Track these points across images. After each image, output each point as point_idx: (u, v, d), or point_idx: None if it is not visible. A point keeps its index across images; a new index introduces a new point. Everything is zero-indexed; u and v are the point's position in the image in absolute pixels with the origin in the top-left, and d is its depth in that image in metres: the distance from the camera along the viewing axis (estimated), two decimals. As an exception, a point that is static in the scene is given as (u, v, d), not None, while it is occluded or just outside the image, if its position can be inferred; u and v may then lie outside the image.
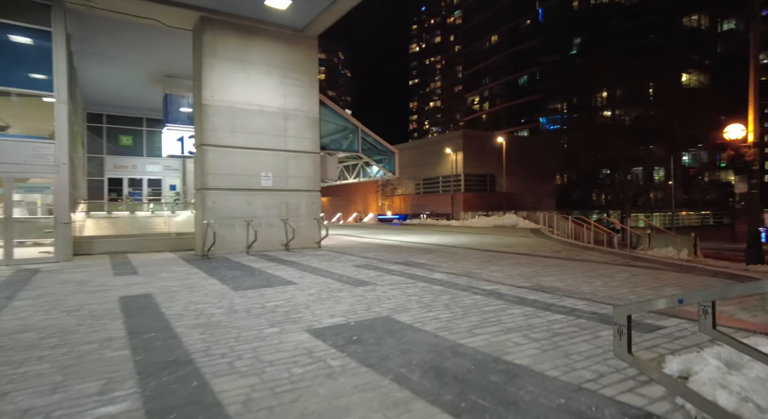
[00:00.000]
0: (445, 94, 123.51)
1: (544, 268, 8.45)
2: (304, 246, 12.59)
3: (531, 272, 7.87)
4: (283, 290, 6.36)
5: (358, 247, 13.29)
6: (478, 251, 11.72)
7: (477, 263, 9.29)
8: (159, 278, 7.73)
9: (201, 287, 6.77)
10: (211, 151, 11.29)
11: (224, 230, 11.40)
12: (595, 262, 9.40)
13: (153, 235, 13.10)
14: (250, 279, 7.44)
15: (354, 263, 9.49)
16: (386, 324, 4.46)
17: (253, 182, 11.82)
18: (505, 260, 9.66)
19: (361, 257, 10.46)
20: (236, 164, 11.59)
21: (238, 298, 5.87)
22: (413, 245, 13.73)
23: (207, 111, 11.24)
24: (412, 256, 10.69)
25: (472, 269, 8.37)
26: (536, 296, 5.75)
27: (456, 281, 7.01)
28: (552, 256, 10.64)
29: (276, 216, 12.14)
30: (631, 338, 2.21)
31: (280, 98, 12.25)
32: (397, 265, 9.01)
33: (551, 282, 6.83)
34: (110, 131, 21.50)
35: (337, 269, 8.46)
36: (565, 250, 12.24)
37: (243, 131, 11.67)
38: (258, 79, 11.93)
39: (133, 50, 13.66)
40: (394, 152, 15.45)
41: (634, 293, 6.00)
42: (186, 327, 4.43)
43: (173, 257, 10.96)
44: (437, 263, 9.32)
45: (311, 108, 12.73)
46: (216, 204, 11.32)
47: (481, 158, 38.89)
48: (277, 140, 12.17)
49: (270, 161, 12.06)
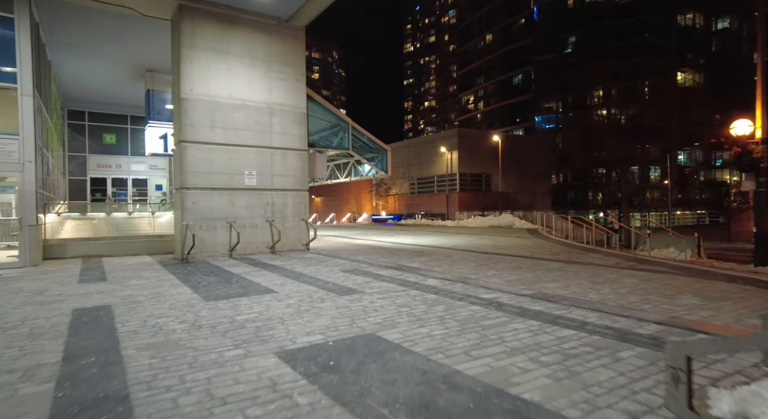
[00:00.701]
0: (439, 93, 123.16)
1: (546, 273, 7.86)
2: (290, 249, 11.94)
3: (532, 278, 7.27)
4: (259, 301, 5.71)
5: (348, 249, 12.65)
6: (474, 254, 11.13)
7: (473, 267, 8.68)
8: (127, 285, 7.06)
9: (169, 296, 6.11)
10: (190, 148, 10.61)
11: (205, 232, 10.73)
12: (599, 265, 8.83)
13: (132, 237, 12.40)
14: (226, 287, 6.78)
15: (342, 267, 8.85)
16: (370, 344, 3.83)
17: (235, 181, 11.16)
18: (502, 264, 9.06)
19: (350, 261, 9.82)
20: (217, 162, 10.92)
21: (207, 310, 5.22)
22: (406, 247, 13.12)
23: (185, 105, 10.56)
24: (404, 259, 10.07)
25: (469, 274, 7.77)
26: (540, 307, 5.15)
27: (451, 288, 6.39)
28: (552, 259, 10.06)
29: (261, 217, 11.48)
30: (691, 387, 1.60)
31: (265, 92, 11.59)
32: (388, 270, 8.39)
33: (555, 289, 6.24)
34: (93, 128, 20.70)
35: (323, 275, 7.82)
36: (564, 252, 11.67)
37: (224, 126, 11.00)
38: (240, 72, 11.26)
39: (109, 42, 12.93)
40: (387, 150, 14.82)
41: (647, 301, 5.42)
42: (136, 348, 3.79)
43: (150, 262, 10.27)
44: (431, 267, 8.70)
45: (298, 103, 12.08)
46: (196, 204, 10.64)
47: (476, 158, 38.36)
48: (262, 137, 11.51)
49: (254, 158, 11.40)
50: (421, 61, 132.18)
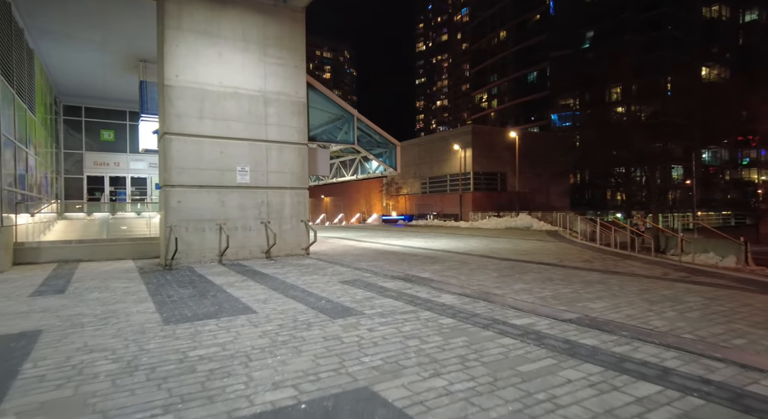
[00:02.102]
0: (451, 92, 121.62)
1: (585, 286, 6.54)
2: (288, 253, 10.76)
3: (570, 294, 5.96)
4: (229, 326, 4.52)
5: (352, 254, 11.44)
6: (494, 261, 9.82)
7: (495, 278, 7.39)
8: (83, 300, 5.93)
9: (124, 317, 4.96)
10: (175, 140, 9.50)
11: (192, 235, 9.61)
12: (645, 277, 7.47)
13: (117, 240, 11.35)
14: (197, 304, 5.61)
15: (342, 277, 7.64)
16: (360, 408, 2.60)
17: (226, 177, 10.02)
18: (530, 274, 7.75)
19: (353, 269, 8.60)
20: (206, 157, 9.80)
21: (158, 340, 4.05)
22: (417, 252, 11.86)
23: (170, 93, 9.45)
24: (414, 267, 8.82)
25: (491, 287, 6.49)
26: (593, 340, 3.87)
27: (472, 308, 5.13)
28: (586, 267, 8.71)
29: (254, 218, 10.32)
30: None
31: (260, 79, 10.44)
32: (395, 281, 7.14)
33: (604, 312, 4.93)
34: (90, 125, 19.85)
35: (318, 288, 6.61)
36: (596, 258, 10.30)
37: (213, 117, 9.87)
38: (232, 57, 10.12)
39: (95, 28, 11.93)
40: (396, 145, 13.58)
41: (735, 332, 4.09)
42: (17, 413, 2.60)
43: (130, 268, 9.18)
44: (445, 278, 7.44)
45: (296, 91, 10.90)
46: (182, 204, 9.52)
47: (490, 156, 36.86)
48: (256, 129, 10.36)
49: (247, 153, 10.25)
50: (433, 61, 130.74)
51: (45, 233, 13.20)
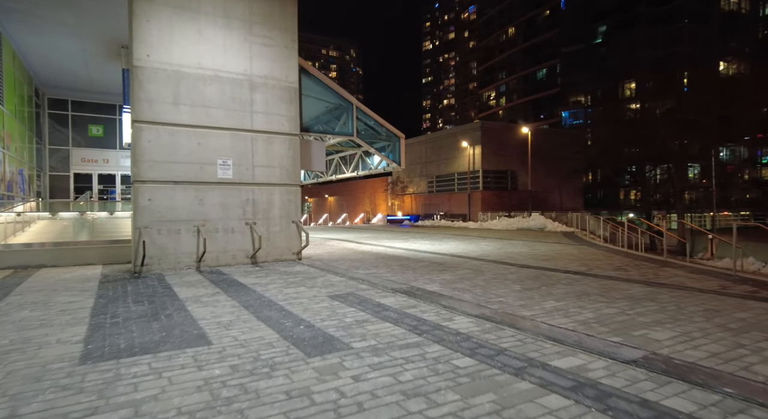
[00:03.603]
0: (458, 91, 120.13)
1: (632, 305, 5.22)
2: (277, 258, 9.53)
3: (617, 316, 4.66)
4: (164, 367, 3.28)
5: (350, 259, 10.18)
6: (512, 268, 8.51)
7: (518, 292, 6.09)
8: (2, 322, 4.73)
9: (33, 349, 3.74)
10: (146, 130, 8.30)
11: (165, 238, 8.40)
12: (701, 291, 6.13)
13: (89, 243, 10.19)
14: (142, 328, 4.38)
15: (333, 290, 6.38)
16: None
17: (206, 172, 8.80)
18: (559, 287, 6.44)
19: (348, 279, 7.34)
20: (182, 149, 8.59)
21: (50, 394, 2.81)
22: (423, 257, 10.57)
23: (140, 76, 8.25)
24: (420, 276, 7.54)
25: (516, 305, 5.19)
26: (685, 402, 2.57)
27: (496, 340, 3.84)
28: (621, 277, 7.37)
29: (238, 219, 9.10)
30: None
31: (244, 61, 9.21)
32: (396, 295, 5.87)
33: (675, 347, 3.62)
34: (77, 119, 18.78)
35: (300, 305, 5.36)
36: (629, 265, 8.94)
37: (191, 103, 8.66)
38: (213, 36, 8.90)
39: (66, 8, 10.78)
40: (399, 137, 12.29)
41: None
42: None
43: (92, 276, 7.99)
44: (457, 291, 6.15)
45: (287, 75, 9.65)
46: (153, 203, 8.32)
47: (500, 153, 35.39)
48: (240, 117, 9.13)
49: (229, 144, 9.03)
50: (440, 59, 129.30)
51: (16, 234, 12.09)
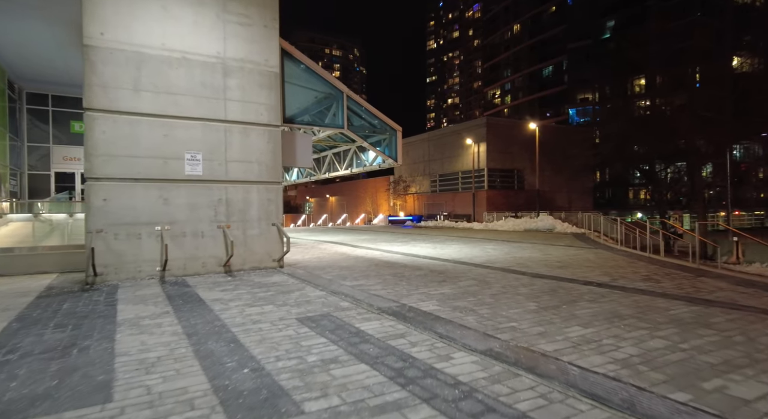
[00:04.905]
0: (463, 90, 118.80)
1: (683, 333, 4.04)
2: (255, 266, 8.41)
3: (669, 352, 3.48)
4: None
5: (340, 266, 9.05)
6: (523, 278, 7.34)
7: (534, 312, 4.93)
8: None
9: None
10: (100, 119, 7.20)
11: (123, 244, 7.31)
12: (764, 313, 4.93)
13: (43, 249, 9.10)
14: (33, 371, 3.27)
15: (306, 309, 5.24)
16: None
17: (171, 168, 7.70)
18: (582, 304, 5.26)
19: (329, 293, 6.20)
20: (144, 141, 7.49)
21: None
22: (422, 263, 9.42)
23: (93, 57, 7.17)
24: (415, 289, 6.39)
25: (533, 335, 4.03)
26: None
27: (511, 398, 2.69)
28: (655, 291, 6.18)
29: (209, 221, 7.99)
30: None
31: (217, 42, 8.10)
32: (382, 318, 4.73)
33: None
34: (58, 115, 17.75)
35: (258, 333, 4.23)
36: (657, 274, 7.73)
37: (155, 89, 7.56)
38: (180, 12, 7.80)
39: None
40: (396, 130, 11.12)
41: None
42: None
43: (35, 288, 6.91)
44: (458, 313, 4.99)
45: (267, 59, 8.53)
46: (110, 203, 7.23)
47: (507, 151, 34.09)
48: (212, 105, 8.02)
49: (199, 136, 7.92)
50: (444, 58, 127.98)
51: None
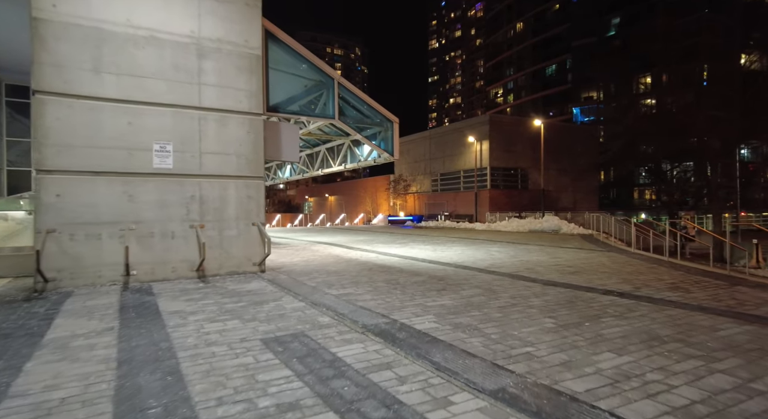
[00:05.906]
0: (465, 89, 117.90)
1: (748, 365, 3.16)
2: (233, 271, 7.54)
3: (738, 393, 2.59)
4: None
5: (328, 271, 8.17)
6: (535, 286, 6.45)
7: (552, 332, 4.04)
8: None
9: None
10: (54, 104, 6.35)
11: (82, 246, 6.45)
12: (833, 333, 4.04)
13: None
14: None
15: (275, 327, 4.37)
16: None
17: (138, 160, 6.83)
18: (609, 322, 4.37)
19: (309, 304, 5.33)
20: (106, 129, 6.63)
21: None
22: (420, 268, 8.53)
23: (43, 31, 6.31)
24: (410, 300, 5.50)
25: (555, 366, 3.15)
26: None
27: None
28: (689, 303, 5.28)
29: (181, 220, 7.12)
30: None
31: (191, 20, 7.23)
32: (366, 340, 3.85)
33: None
34: (41, 108, 16.92)
35: (208, 360, 3.36)
36: (684, 280, 6.83)
37: (117, 71, 6.69)
38: (148, -16, 6.94)
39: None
40: (392, 121, 10.24)
41: None
42: None
43: (-21, 295, 6.05)
44: (460, 333, 4.11)
45: (247, 40, 7.66)
46: (65, 199, 6.37)
47: (510, 149, 33.14)
48: (185, 91, 7.15)
49: (170, 124, 7.05)
50: (446, 58, 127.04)
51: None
